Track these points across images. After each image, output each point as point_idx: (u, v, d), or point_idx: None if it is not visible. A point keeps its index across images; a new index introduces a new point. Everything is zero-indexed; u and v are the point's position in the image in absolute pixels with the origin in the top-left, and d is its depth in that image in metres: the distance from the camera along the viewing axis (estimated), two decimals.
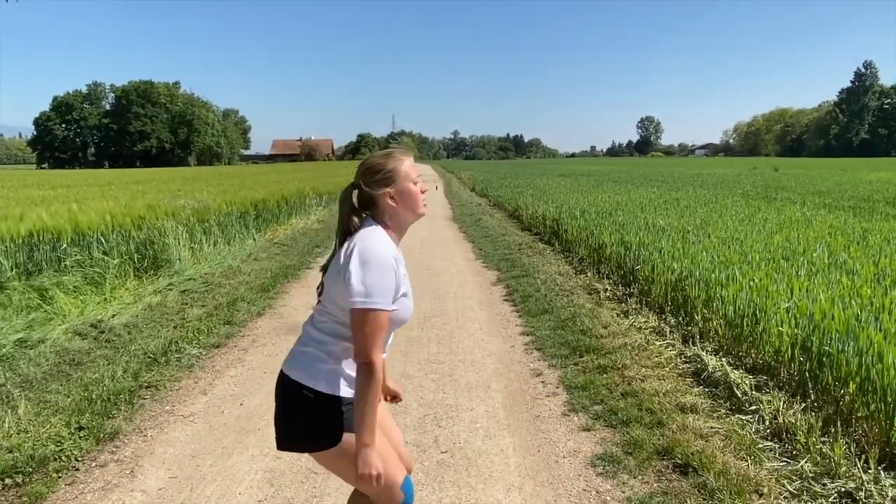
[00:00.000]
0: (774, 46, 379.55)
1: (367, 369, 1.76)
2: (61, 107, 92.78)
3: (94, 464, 3.20)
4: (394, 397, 2.34)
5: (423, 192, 1.99)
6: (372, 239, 1.83)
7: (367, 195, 1.93)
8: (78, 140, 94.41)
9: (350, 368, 1.87)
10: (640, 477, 2.96)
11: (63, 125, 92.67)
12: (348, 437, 1.85)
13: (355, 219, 1.93)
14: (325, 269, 1.96)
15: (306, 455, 3.28)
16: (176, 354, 4.78)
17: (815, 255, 5.96)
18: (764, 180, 23.22)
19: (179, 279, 7.40)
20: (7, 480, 2.97)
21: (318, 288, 1.98)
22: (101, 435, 3.45)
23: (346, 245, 1.86)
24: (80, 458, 3.22)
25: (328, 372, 1.87)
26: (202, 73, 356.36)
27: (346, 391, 1.87)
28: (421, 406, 3.90)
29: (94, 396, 3.90)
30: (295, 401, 1.90)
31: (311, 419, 1.88)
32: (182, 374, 4.46)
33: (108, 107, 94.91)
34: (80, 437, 3.40)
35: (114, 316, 5.80)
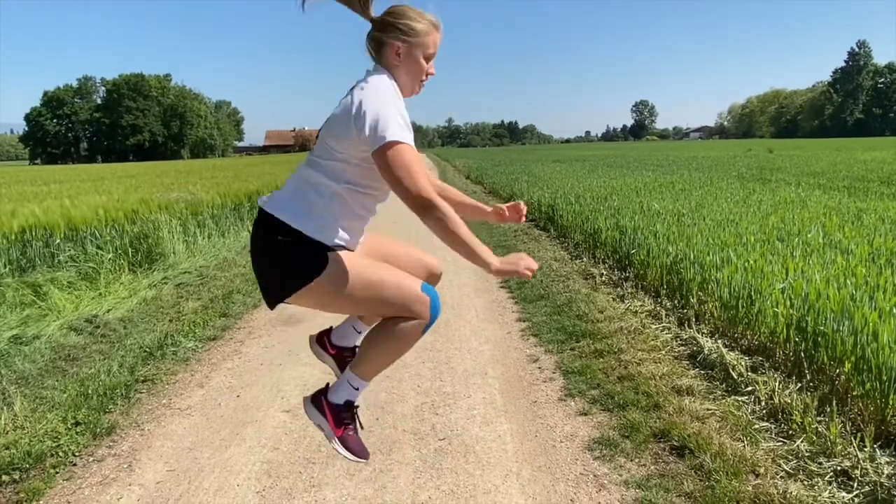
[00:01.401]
0: (768, 27, 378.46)
1: (428, 210, 1.62)
2: (52, 102, 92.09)
3: (91, 459, 3.19)
4: (512, 209, 2.23)
5: (429, 75, 1.85)
6: (375, 81, 1.73)
7: (378, 35, 1.81)
8: (70, 135, 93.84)
9: (345, 218, 1.76)
10: (637, 460, 2.97)
11: (54, 120, 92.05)
12: (335, 258, 1.72)
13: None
14: None
15: (304, 445, 3.30)
16: (172, 348, 4.77)
17: (809, 235, 5.95)
18: (758, 162, 23.22)
19: (174, 272, 7.37)
20: (4, 477, 2.96)
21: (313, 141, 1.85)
22: (98, 430, 3.44)
23: (350, 90, 1.75)
24: (77, 454, 3.22)
25: (319, 215, 1.74)
26: (193, 65, 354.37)
27: (333, 239, 1.74)
28: (418, 394, 3.90)
29: (90, 391, 3.89)
30: (274, 242, 1.74)
31: (293, 259, 1.73)
32: (178, 368, 4.45)
33: (99, 101, 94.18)
34: (76, 433, 3.39)
35: (109, 311, 5.78)
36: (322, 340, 2.23)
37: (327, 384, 2.09)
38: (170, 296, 6.44)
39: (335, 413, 1.99)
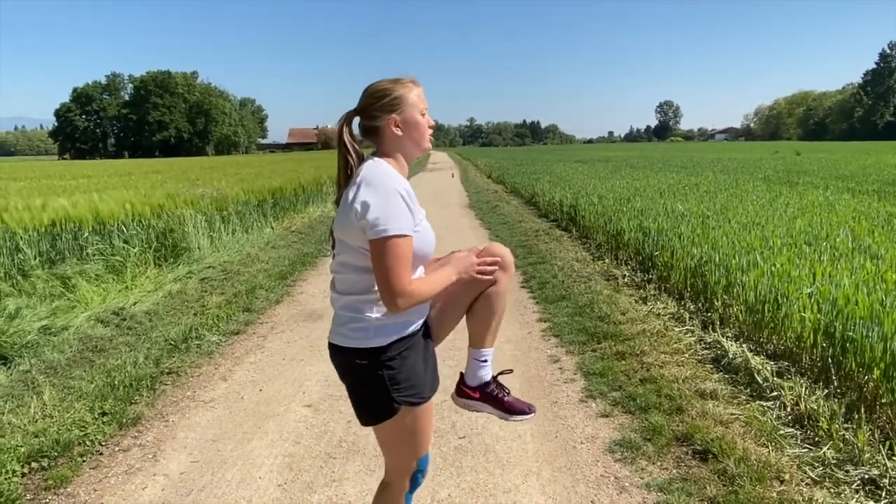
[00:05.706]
0: (797, 27, 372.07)
1: (400, 306, 1.66)
2: (81, 98, 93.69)
3: (117, 448, 3.25)
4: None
5: (431, 127, 1.85)
6: (376, 169, 1.73)
7: (369, 123, 1.80)
8: (98, 131, 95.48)
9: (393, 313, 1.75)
10: (658, 463, 2.94)
11: (83, 116, 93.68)
12: (404, 412, 1.84)
13: (355, 149, 1.82)
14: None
15: (325, 439, 3.32)
16: (196, 341, 4.84)
17: (838, 239, 5.84)
18: (786, 164, 22.84)
19: (199, 267, 7.47)
20: (33, 464, 3.03)
21: (330, 244, 1.85)
22: (124, 420, 3.51)
23: (349, 185, 1.76)
24: (103, 443, 3.28)
25: (376, 325, 1.75)
26: (219, 63, 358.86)
27: (400, 334, 1.78)
28: (438, 392, 3.89)
29: (116, 382, 3.96)
30: (355, 368, 1.79)
31: (372, 384, 1.78)
32: (202, 361, 4.51)
33: (126, 97, 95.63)
34: (103, 423, 3.46)
35: (135, 303, 5.88)
36: (462, 391, 2.26)
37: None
38: (194, 290, 6.53)
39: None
